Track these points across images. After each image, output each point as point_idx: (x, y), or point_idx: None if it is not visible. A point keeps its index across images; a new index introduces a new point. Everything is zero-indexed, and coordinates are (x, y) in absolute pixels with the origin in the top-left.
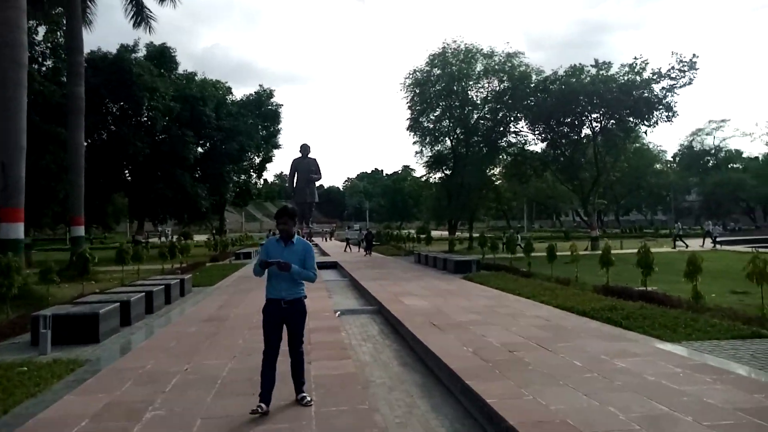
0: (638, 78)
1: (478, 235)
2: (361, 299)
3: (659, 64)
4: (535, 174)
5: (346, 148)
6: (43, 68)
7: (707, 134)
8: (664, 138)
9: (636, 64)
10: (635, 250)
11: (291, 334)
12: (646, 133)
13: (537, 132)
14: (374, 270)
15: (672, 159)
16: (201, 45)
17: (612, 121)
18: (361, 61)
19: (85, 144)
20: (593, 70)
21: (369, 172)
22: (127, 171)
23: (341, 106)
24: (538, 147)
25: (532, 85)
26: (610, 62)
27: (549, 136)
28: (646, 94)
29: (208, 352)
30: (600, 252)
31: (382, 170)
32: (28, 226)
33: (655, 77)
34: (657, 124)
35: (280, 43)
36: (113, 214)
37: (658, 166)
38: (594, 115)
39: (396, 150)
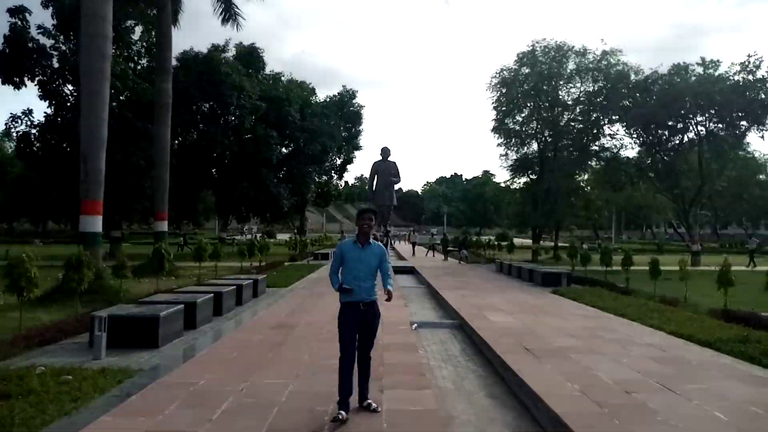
0: (751, 77)
1: (566, 245)
2: (440, 310)
3: None
4: (630, 181)
5: (426, 152)
6: (138, 67)
7: None
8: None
9: (749, 62)
10: (744, 268)
11: (365, 338)
12: (763, 137)
13: (634, 135)
14: (454, 278)
15: None
16: (290, 50)
17: (721, 125)
18: (443, 65)
19: (177, 142)
20: (699, 69)
21: (448, 176)
22: (214, 169)
23: (422, 109)
24: (633, 152)
25: (630, 85)
26: (718, 60)
27: (648, 140)
28: (762, 96)
29: (270, 367)
30: (702, 268)
31: (461, 175)
32: (120, 220)
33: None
34: None
35: (365, 47)
36: (203, 212)
37: (762, 176)
38: (700, 118)
39: (476, 155)
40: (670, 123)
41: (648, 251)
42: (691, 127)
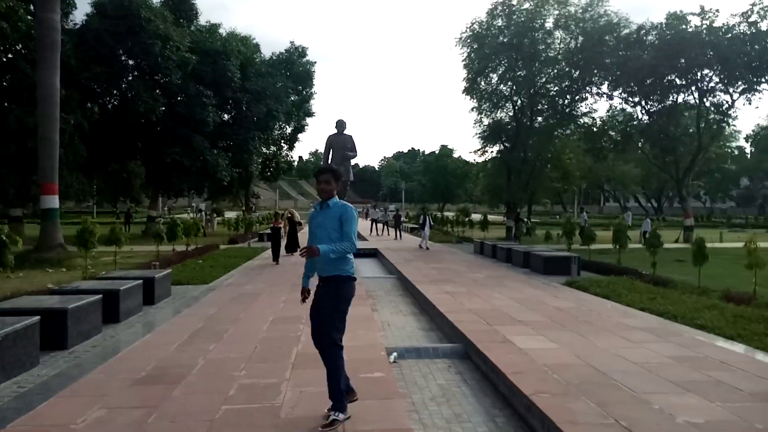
0: (753, 29)
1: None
2: (423, 317)
3: None
4: (615, 148)
5: (383, 127)
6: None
7: None
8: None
9: (751, 11)
10: (740, 244)
11: (316, 324)
12: (750, 101)
13: (624, 95)
14: (429, 264)
15: (746, 140)
16: (241, 23)
17: (726, 81)
18: (400, 37)
19: (96, 105)
20: (696, 20)
21: (406, 151)
22: (139, 135)
23: (378, 84)
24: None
25: (620, 38)
26: (717, 10)
27: (641, 100)
28: None
29: None
30: (693, 245)
31: (419, 150)
32: (16, 196)
33: None
34: None
35: (319, 19)
36: (142, 187)
37: (729, 148)
38: (706, 71)
39: (434, 130)
40: (670, 78)
41: (602, 226)
42: (694, 83)
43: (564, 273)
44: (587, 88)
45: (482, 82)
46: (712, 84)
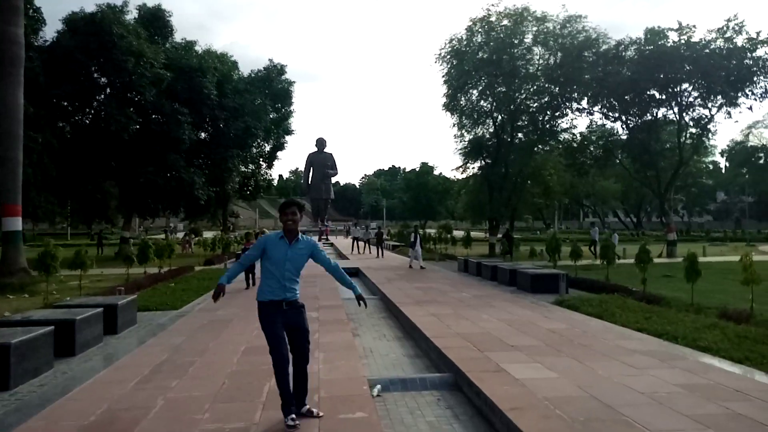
0: (729, 45)
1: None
2: (408, 341)
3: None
4: (596, 164)
5: (363, 146)
6: None
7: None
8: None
9: (727, 26)
10: (724, 258)
11: (297, 346)
12: (751, 108)
13: (604, 111)
14: (412, 283)
15: (721, 155)
16: (220, 42)
17: (705, 95)
18: (380, 56)
19: (68, 125)
20: (674, 35)
21: (386, 169)
22: (113, 155)
23: (359, 103)
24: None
25: (599, 53)
26: (694, 25)
27: (620, 116)
28: (748, 62)
29: None
30: (678, 260)
31: (400, 167)
32: None
33: (753, 44)
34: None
35: (299, 38)
36: (117, 208)
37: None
38: (686, 85)
39: (414, 148)
40: (650, 92)
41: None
42: (674, 98)
43: (552, 291)
44: (567, 104)
45: (462, 98)
46: (691, 99)
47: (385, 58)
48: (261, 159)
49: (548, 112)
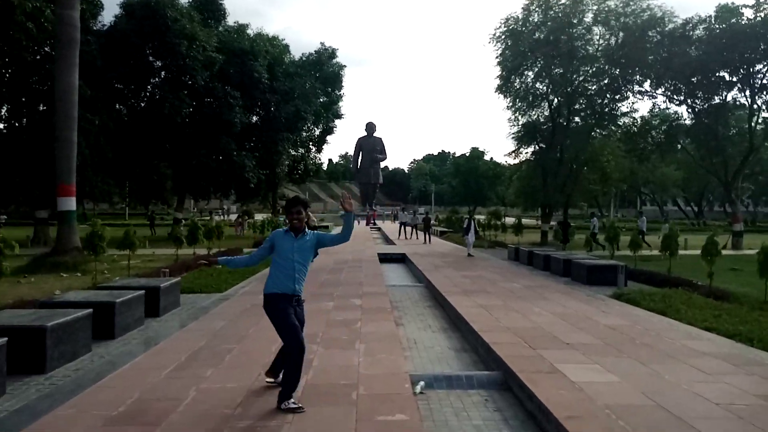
0: None
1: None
2: (455, 333)
3: None
4: (657, 149)
5: (413, 130)
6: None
7: None
8: None
9: None
10: None
11: None
12: None
13: (668, 93)
14: (459, 272)
15: None
16: (274, 29)
17: None
18: (431, 40)
19: (125, 105)
20: (749, 13)
21: (435, 154)
22: (167, 137)
23: (409, 87)
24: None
25: (665, 33)
26: None
27: (686, 99)
28: None
29: None
30: (747, 252)
31: (449, 152)
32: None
33: None
34: None
35: (351, 24)
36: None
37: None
38: (759, 66)
39: (464, 133)
40: (720, 74)
41: (655, 231)
42: (745, 80)
43: (610, 283)
44: (628, 87)
45: (517, 81)
46: (765, 81)
47: (436, 41)
48: (310, 143)
49: (608, 95)
